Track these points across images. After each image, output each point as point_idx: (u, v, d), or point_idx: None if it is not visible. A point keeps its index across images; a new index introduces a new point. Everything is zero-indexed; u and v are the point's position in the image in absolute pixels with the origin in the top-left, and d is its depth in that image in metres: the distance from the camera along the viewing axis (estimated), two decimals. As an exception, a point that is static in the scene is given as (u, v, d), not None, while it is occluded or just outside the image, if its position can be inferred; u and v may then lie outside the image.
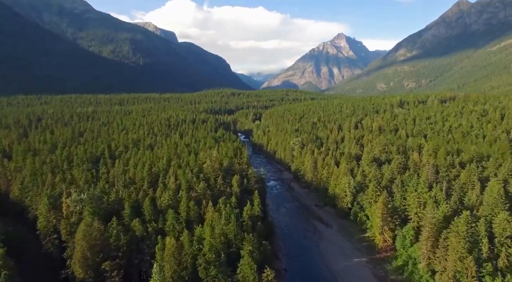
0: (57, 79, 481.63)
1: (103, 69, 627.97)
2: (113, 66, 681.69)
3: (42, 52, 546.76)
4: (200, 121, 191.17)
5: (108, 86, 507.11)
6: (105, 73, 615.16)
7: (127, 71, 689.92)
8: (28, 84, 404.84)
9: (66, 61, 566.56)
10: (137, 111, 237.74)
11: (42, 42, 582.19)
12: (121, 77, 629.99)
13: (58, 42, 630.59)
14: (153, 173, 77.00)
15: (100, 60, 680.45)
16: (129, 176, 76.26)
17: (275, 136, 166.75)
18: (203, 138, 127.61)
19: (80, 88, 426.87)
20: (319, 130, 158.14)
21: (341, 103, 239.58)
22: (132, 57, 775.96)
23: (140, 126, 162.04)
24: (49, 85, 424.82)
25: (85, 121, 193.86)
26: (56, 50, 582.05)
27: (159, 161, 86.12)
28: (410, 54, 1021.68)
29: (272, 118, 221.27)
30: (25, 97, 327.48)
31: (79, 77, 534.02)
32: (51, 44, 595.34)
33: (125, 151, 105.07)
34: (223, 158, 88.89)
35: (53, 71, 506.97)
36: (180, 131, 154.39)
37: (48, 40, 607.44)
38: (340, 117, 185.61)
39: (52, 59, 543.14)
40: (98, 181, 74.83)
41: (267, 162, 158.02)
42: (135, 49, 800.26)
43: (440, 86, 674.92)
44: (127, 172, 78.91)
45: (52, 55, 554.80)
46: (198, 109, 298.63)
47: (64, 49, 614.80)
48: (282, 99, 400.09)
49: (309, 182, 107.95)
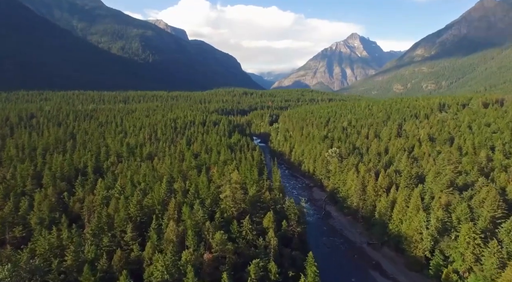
0: (64, 76, 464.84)
1: (111, 66, 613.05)
2: (122, 63, 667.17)
3: (50, 48, 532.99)
4: (211, 123, 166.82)
5: (116, 83, 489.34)
6: (114, 70, 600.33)
7: (136, 68, 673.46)
8: (33, 80, 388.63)
9: (74, 58, 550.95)
10: (141, 110, 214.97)
11: (50, 38, 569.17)
12: (130, 74, 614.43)
13: (67, 38, 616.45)
14: (145, 207, 52.91)
15: (109, 57, 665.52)
16: (109, 212, 51.84)
17: (299, 144, 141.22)
18: (215, 146, 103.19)
19: (87, 85, 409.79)
20: (352, 137, 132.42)
21: (370, 105, 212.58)
22: (141, 54, 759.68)
23: (142, 129, 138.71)
24: (55, 81, 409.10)
25: (82, 120, 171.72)
26: (65, 46, 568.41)
27: (157, 183, 62.10)
28: (429, 54, 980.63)
29: (293, 121, 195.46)
30: (26, 93, 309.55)
31: (87, 74, 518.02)
32: (60, 40, 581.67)
33: (116, 163, 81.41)
34: (247, 181, 64.39)
35: (61, 68, 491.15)
36: (188, 135, 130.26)
37: (57, 36, 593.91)
38: (374, 122, 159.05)
39: (60, 55, 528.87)
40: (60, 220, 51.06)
41: (290, 175, 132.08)
42: (145, 46, 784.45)
43: (462, 88, 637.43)
44: (108, 203, 54.66)
45: (60, 51, 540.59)
46: (209, 109, 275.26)
47: (73, 45, 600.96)
48: (298, 100, 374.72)
49: (354, 208, 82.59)
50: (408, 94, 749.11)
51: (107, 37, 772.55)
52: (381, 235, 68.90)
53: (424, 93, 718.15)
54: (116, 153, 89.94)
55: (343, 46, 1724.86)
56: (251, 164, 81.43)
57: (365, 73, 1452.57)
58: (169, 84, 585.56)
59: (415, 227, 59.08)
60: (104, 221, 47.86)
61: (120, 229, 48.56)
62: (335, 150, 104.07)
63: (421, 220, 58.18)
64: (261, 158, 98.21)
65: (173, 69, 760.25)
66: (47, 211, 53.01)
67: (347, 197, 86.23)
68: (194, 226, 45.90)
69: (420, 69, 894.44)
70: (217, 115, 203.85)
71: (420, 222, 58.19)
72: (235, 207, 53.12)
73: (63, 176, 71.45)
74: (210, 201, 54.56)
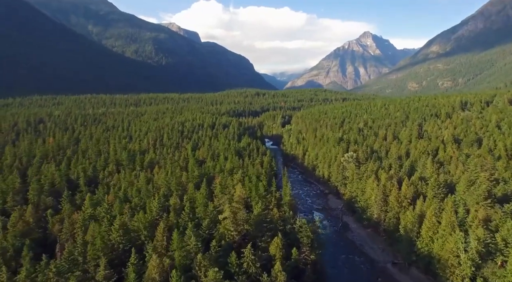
0: (78, 80, 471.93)
1: (125, 69, 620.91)
2: (136, 66, 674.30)
3: (65, 53, 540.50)
4: (220, 126, 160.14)
5: (129, 86, 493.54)
6: (128, 73, 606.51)
7: (150, 71, 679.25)
8: (48, 84, 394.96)
9: (89, 61, 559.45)
10: (151, 113, 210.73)
11: (65, 42, 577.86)
12: (143, 77, 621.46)
13: (82, 43, 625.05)
14: (131, 231, 45.89)
15: (123, 60, 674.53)
16: (86, 238, 44.50)
17: (313, 147, 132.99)
18: (223, 152, 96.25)
19: (101, 88, 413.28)
20: (369, 140, 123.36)
21: (386, 104, 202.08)
22: (154, 57, 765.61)
23: (148, 133, 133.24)
24: (69, 85, 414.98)
25: (90, 125, 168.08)
26: (79, 51, 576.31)
27: (152, 197, 55.39)
28: (444, 51, 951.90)
29: (306, 123, 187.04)
30: (39, 98, 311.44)
31: (101, 77, 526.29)
32: (74, 45, 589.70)
33: (114, 173, 75.30)
34: (251, 195, 56.87)
35: (75, 72, 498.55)
36: (195, 139, 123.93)
37: (71, 40, 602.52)
38: (393, 122, 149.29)
39: (74, 59, 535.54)
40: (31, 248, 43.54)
41: (304, 180, 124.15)
42: (158, 49, 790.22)
43: (481, 85, 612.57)
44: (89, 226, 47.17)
45: (74, 55, 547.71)
46: (220, 111, 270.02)
47: (88, 49, 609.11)
48: (311, 100, 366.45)
49: (374, 220, 74.09)
50: (423, 92, 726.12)
51: (121, 41, 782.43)
52: (408, 254, 60.29)
53: (440, 91, 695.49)
54: (116, 161, 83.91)
55: (355, 45, 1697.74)
56: (259, 172, 73.97)
57: (378, 72, 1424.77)
58: (182, 86, 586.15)
59: (451, 249, 50.52)
60: (79, 251, 40.07)
61: (94, 262, 40.17)
62: (352, 154, 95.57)
63: (457, 241, 49.59)
64: (271, 164, 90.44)
65: (186, 72, 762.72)
66: (17, 236, 45.57)
67: (366, 207, 77.82)
68: (184, 258, 38.48)
69: (436, 66, 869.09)
70: (227, 118, 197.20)
71: (457, 242, 49.61)
72: (236, 230, 45.62)
73: (54, 189, 65.60)
74: (208, 222, 47.13)
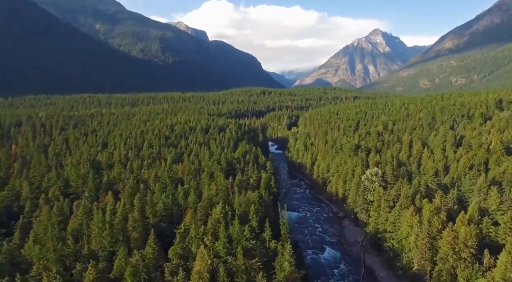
0: (83, 79, 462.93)
1: (131, 68, 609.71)
2: (142, 65, 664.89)
3: (70, 52, 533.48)
4: (216, 129, 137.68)
5: (135, 85, 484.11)
6: (133, 72, 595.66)
7: (155, 70, 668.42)
8: (53, 84, 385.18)
9: (94, 61, 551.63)
10: (143, 114, 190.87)
11: (71, 42, 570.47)
12: (149, 76, 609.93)
13: (87, 42, 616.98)
14: None
15: (129, 59, 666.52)
16: None
17: (323, 155, 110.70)
18: (207, 167, 74.81)
19: (105, 88, 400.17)
20: (393, 148, 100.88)
21: (406, 103, 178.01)
22: (161, 56, 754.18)
23: (129, 139, 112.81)
24: (74, 85, 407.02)
25: (71, 128, 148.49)
26: (86, 50, 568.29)
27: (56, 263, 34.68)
28: (457, 47, 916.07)
29: (314, 125, 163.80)
30: (33, 97, 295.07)
31: (106, 77, 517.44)
32: (80, 44, 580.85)
33: (41, 206, 54.70)
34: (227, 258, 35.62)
35: (80, 71, 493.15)
36: (181, 147, 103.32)
37: (77, 40, 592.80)
38: (417, 125, 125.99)
39: (80, 59, 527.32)
40: None
41: (313, 197, 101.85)
42: (164, 48, 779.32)
43: (498, 81, 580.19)
44: None
45: (80, 55, 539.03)
46: (221, 111, 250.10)
47: (94, 49, 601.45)
48: (320, 99, 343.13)
49: (414, 272, 52.38)
50: (436, 90, 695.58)
51: (128, 39, 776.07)
52: None
53: (454, 88, 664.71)
54: (61, 184, 63.48)
55: (365, 42, 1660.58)
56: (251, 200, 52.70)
57: (388, 70, 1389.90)
58: (188, 85, 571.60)
59: None
60: None
61: None
62: (376, 171, 72.85)
63: None
64: (269, 185, 69.05)
65: (192, 70, 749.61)
66: None
67: (401, 249, 55.95)
68: None
69: (449, 63, 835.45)
70: (225, 119, 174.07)
71: None
72: None
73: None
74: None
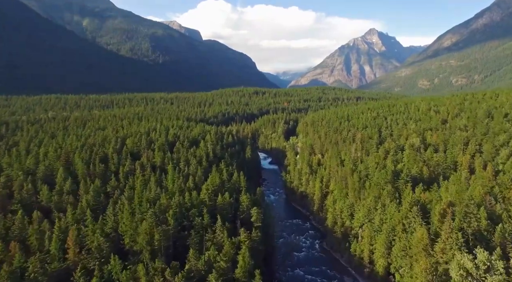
0: (61, 79, 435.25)
1: (119, 68, 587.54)
2: (131, 64, 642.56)
3: (53, 51, 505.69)
4: (185, 144, 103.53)
5: (122, 85, 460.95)
6: (121, 71, 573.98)
7: (145, 70, 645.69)
8: (20, 83, 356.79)
9: (79, 60, 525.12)
10: (101, 119, 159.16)
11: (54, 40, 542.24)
12: (138, 76, 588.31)
13: (72, 40, 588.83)
14: None
15: (117, 59, 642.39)
16: None
17: (340, 185, 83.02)
18: (149, 226, 48.04)
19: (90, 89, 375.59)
20: (457, 180, 66.37)
21: (432, 105, 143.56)
22: (151, 55, 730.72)
23: (44, 160, 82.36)
24: (50, 85, 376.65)
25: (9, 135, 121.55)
26: (68, 49, 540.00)
27: None
28: (456, 46, 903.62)
29: (319, 133, 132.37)
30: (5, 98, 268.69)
31: (91, 77, 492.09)
32: (62, 42, 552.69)
33: None
34: None
35: (58, 70, 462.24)
36: (124, 173, 76.07)
37: (58, 37, 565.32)
38: (470, 136, 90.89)
39: (59, 57, 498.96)
40: None
41: (330, 260, 70.99)
42: (155, 47, 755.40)
43: (500, 81, 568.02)
44: None
45: (60, 53, 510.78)
46: (206, 115, 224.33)
47: (78, 47, 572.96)
48: (319, 100, 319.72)
49: None
50: (436, 90, 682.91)
51: (117, 38, 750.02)
52: None
53: (454, 88, 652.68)
54: None
55: (361, 42, 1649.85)
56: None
57: (384, 70, 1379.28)
58: (179, 85, 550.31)
59: None
60: None
61: None
62: (487, 257, 41.13)
63: None
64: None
65: (183, 70, 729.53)
66: None
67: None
68: None
69: (448, 62, 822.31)
70: (204, 127, 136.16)
71: None
72: None
73: None
74: None
